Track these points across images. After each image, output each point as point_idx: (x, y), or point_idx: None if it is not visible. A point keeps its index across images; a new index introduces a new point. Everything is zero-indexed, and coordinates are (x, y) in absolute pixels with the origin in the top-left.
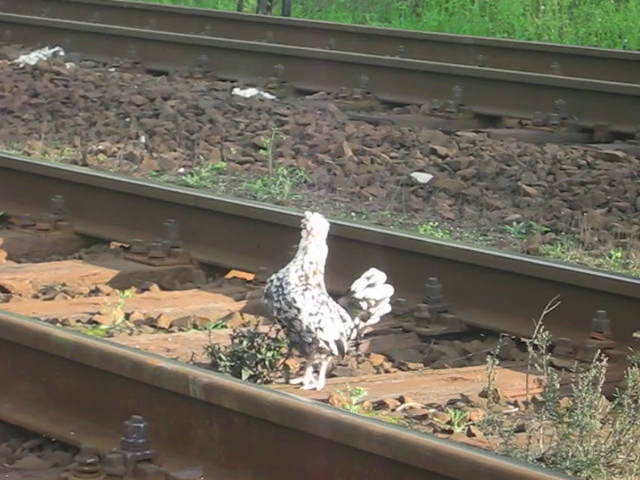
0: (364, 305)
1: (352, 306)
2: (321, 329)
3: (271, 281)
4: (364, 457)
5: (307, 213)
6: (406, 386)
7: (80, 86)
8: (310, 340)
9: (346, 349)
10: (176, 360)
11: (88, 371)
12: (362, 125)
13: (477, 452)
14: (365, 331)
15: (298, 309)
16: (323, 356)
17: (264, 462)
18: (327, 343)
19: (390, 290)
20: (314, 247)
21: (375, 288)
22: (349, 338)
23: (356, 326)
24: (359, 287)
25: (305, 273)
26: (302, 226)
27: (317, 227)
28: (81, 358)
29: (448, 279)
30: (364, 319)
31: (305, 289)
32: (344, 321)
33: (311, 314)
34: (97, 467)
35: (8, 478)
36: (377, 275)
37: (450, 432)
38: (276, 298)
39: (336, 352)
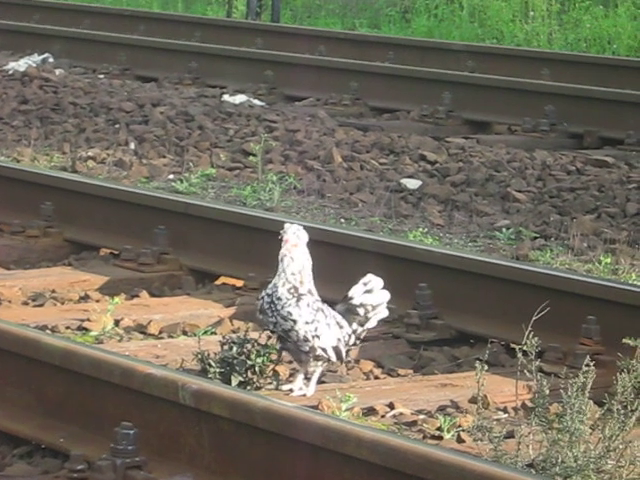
0: (361, 311)
1: (349, 312)
2: (318, 337)
3: (262, 298)
4: (354, 463)
5: (286, 225)
6: (396, 392)
7: (69, 93)
8: (307, 349)
9: (344, 355)
10: (166, 367)
11: (78, 378)
12: (351, 131)
13: (467, 458)
14: (362, 335)
15: (294, 321)
16: (319, 363)
17: (254, 468)
18: (324, 350)
19: (387, 295)
20: (292, 259)
21: (372, 294)
22: (347, 344)
23: (354, 332)
24: (356, 293)
25: (292, 285)
26: (280, 238)
27: (292, 239)
28: (71, 365)
29: (438, 285)
30: (362, 324)
31: (298, 299)
32: (341, 327)
33: (307, 322)
34: (87, 474)
35: None
36: (374, 281)
37: (440, 438)
38: (270, 314)
39: (334, 358)
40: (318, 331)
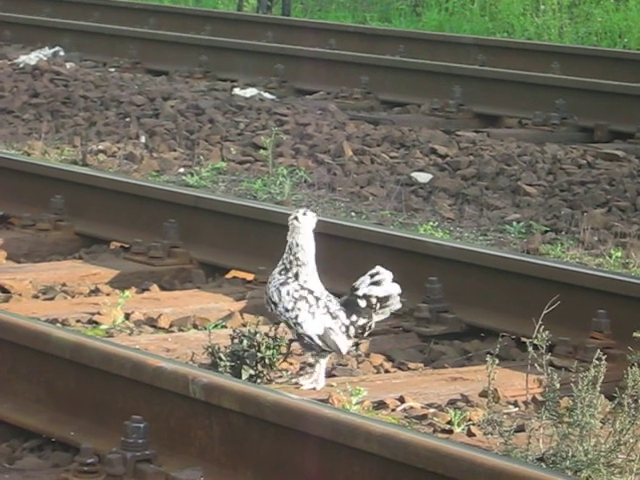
0: (363, 303)
1: (352, 303)
2: (299, 324)
3: (269, 276)
4: (364, 457)
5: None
6: (406, 386)
7: (80, 86)
8: (294, 336)
9: (343, 346)
10: (176, 360)
11: (88, 371)
12: (362, 125)
13: (477, 452)
14: (370, 326)
15: (274, 304)
16: (313, 352)
17: (264, 462)
18: (311, 338)
19: (396, 288)
20: (289, 241)
21: (378, 286)
22: (348, 336)
23: (353, 323)
24: (362, 285)
25: (285, 266)
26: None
27: (292, 222)
28: (81, 358)
29: (448, 279)
30: (366, 316)
31: (282, 283)
32: (334, 317)
33: (287, 310)
34: (97, 467)
35: (8, 478)
36: (382, 273)
37: (450, 432)
38: (266, 291)
39: (324, 347)
40: (299, 319)
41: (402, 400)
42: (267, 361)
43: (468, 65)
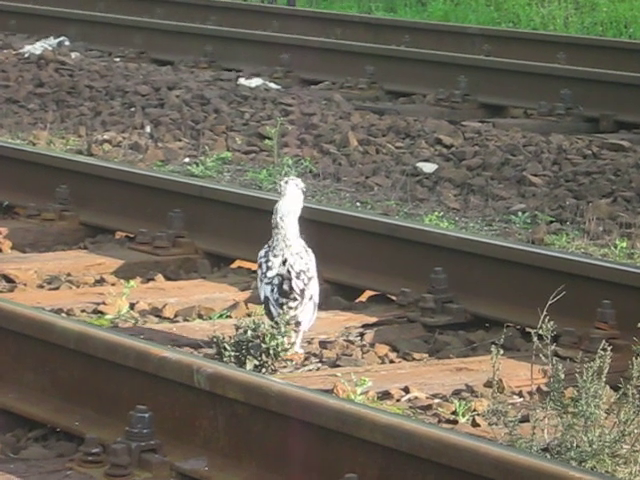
0: (277, 280)
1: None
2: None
3: None
4: (368, 447)
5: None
6: (411, 376)
7: (85, 76)
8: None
9: (273, 311)
10: (180, 350)
11: (93, 361)
12: (367, 115)
13: (482, 442)
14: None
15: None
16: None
17: (268, 452)
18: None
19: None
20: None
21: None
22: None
23: (276, 299)
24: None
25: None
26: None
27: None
28: (86, 348)
29: (453, 269)
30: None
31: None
32: (268, 283)
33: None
34: (101, 457)
35: (13, 468)
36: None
37: (455, 422)
38: None
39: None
40: (258, 284)
41: (407, 390)
42: (271, 352)
43: (473, 55)
